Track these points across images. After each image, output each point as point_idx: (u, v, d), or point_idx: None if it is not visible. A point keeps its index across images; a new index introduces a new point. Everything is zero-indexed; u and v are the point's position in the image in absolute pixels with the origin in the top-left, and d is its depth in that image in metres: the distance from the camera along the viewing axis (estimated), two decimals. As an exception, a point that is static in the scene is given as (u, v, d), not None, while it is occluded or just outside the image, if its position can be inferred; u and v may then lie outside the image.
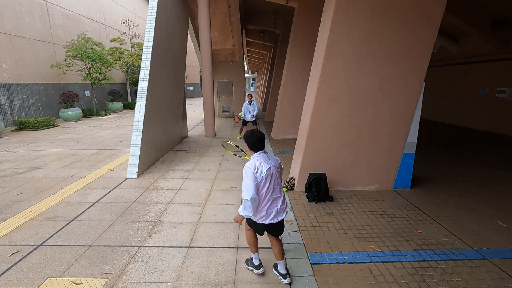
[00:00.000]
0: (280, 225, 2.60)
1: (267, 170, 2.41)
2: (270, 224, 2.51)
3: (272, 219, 2.49)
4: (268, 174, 2.42)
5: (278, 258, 2.67)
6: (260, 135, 2.49)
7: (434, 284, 2.62)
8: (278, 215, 2.51)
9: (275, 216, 2.50)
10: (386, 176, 4.89)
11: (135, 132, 5.93)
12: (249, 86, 59.65)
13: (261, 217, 2.48)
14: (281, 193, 2.56)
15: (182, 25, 8.79)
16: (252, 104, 9.29)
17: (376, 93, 4.48)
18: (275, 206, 2.50)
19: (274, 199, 2.49)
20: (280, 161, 2.64)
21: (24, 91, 12.75)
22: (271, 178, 2.45)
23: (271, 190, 2.46)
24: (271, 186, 2.45)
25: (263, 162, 2.43)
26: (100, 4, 19.08)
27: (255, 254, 2.73)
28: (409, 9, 4.12)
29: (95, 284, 2.64)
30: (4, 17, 11.86)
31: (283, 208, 2.55)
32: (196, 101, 28.29)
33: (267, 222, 2.49)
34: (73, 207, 4.29)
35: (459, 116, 11.85)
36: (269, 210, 2.48)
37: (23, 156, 7.32)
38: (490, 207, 4.23)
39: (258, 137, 2.48)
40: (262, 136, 2.50)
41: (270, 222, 2.49)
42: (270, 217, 2.48)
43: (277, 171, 2.53)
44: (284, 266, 2.69)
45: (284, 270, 2.67)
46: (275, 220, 2.50)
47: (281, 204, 2.54)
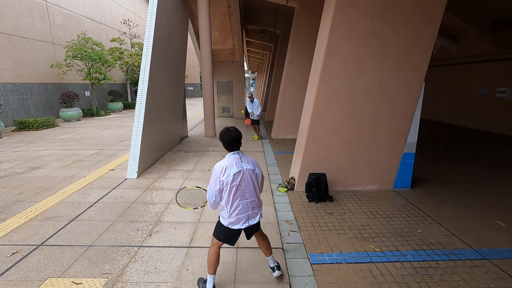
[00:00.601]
0: (252, 228, 2.46)
1: (235, 174, 2.24)
2: (241, 229, 2.40)
3: (242, 224, 2.36)
4: (237, 178, 2.25)
5: (266, 254, 2.68)
6: (235, 135, 2.30)
7: (434, 284, 2.62)
8: (249, 220, 2.38)
9: (246, 221, 2.37)
10: (386, 176, 4.89)
11: (135, 132, 5.93)
12: (249, 86, 59.65)
13: (231, 223, 2.34)
14: (253, 197, 2.37)
15: (182, 25, 8.79)
16: (254, 102, 9.16)
17: (376, 93, 4.48)
18: (246, 212, 2.35)
19: (244, 203, 2.33)
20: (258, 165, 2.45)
21: (24, 91, 12.75)
22: (240, 182, 2.27)
23: (240, 195, 2.29)
24: (239, 190, 2.28)
25: (234, 165, 2.27)
26: (100, 4, 19.08)
27: (211, 276, 2.48)
28: (409, 9, 4.12)
29: (95, 284, 2.64)
30: (4, 17, 11.86)
31: (255, 213, 2.41)
32: (196, 101, 28.29)
33: (237, 228, 2.36)
34: (73, 207, 4.29)
35: (459, 116, 11.85)
36: (239, 215, 2.33)
37: (23, 156, 7.31)
38: (490, 207, 4.23)
39: (233, 137, 2.29)
40: (237, 136, 2.31)
41: (240, 228, 2.37)
42: (240, 223, 2.35)
43: (251, 173, 2.34)
44: (273, 260, 2.69)
45: (273, 263, 2.67)
46: (245, 225, 2.37)
47: (252, 208, 2.38)
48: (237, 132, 2.33)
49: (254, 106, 9.18)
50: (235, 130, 2.33)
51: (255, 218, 2.42)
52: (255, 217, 2.42)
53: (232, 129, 2.33)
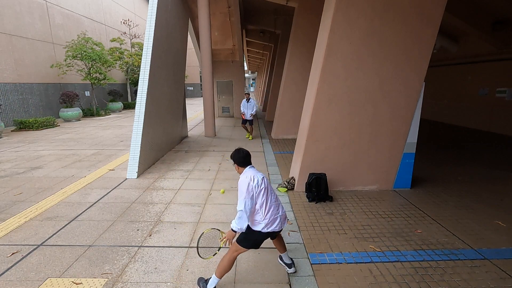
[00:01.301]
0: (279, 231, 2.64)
1: (261, 179, 2.47)
2: (273, 232, 2.51)
3: (276, 226, 2.50)
4: (265, 182, 2.49)
5: (281, 251, 2.81)
6: (246, 151, 2.58)
7: (434, 284, 2.62)
8: (282, 223, 2.55)
9: (279, 224, 2.52)
10: (386, 176, 4.89)
11: (135, 132, 5.93)
12: (249, 86, 59.65)
13: (266, 225, 2.46)
14: (278, 200, 2.62)
15: (182, 25, 8.79)
16: (250, 101, 9.26)
17: (376, 93, 4.48)
18: (278, 213, 2.52)
19: (275, 205, 2.53)
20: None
21: (24, 91, 12.75)
22: (268, 186, 2.52)
23: (270, 198, 2.49)
24: (269, 193, 2.50)
25: (256, 173, 2.51)
26: (100, 4, 19.08)
27: (217, 279, 2.52)
28: (409, 9, 4.12)
29: (95, 284, 2.64)
30: (4, 17, 11.85)
31: (285, 214, 2.61)
32: (196, 101, 28.29)
33: (271, 230, 2.48)
34: (73, 207, 4.29)
35: (459, 116, 11.85)
36: (273, 217, 2.48)
37: (23, 156, 7.31)
38: (490, 207, 4.23)
39: (246, 153, 2.57)
40: (248, 152, 2.60)
41: (274, 230, 2.49)
42: (274, 224, 2.49)
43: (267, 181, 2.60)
44: (288, 256, 2.82)
45: (289, 260, 2.81)
46: (278, 228, 2.51)
47: (282, 210, 2.59)
48: (247, 150, 2.61)
49: (249, 106, 9.25)
50: (244, 149, 2.61)
51: (284, 222, 2.60)
52: (284, 221, 2.59)
53: (241, 148, 2.61)
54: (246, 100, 9.32)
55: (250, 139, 9.44)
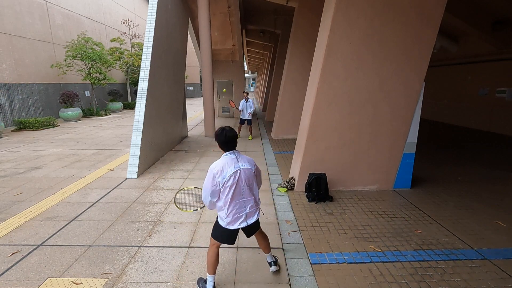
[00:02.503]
0: (253, 226, 2.47)
1: (232, 174, 2.23)
2: (239, 229, 2.39)
3: (240, 223, 2.34)
4: (233, 178, 2.24)
5: (265, 251, 2.74)
6: (230, 134, 2.29)
7: (434, 284, 2.62)
8: (248, 219, 2.37)
9: (244, 220, 2.35)
10: (386, 176, 4.89)
11: (135, 132, 5.93)
12: (249, 86, 59.64)
13: (228, 223, 2.33)
14: (250, 196, 2.36)
15: (182, 25, 8.79)
16: (248, 101, 9.34)
17: (376, 93, 4.48)
18: (243, 211, 2.34)
19: (242, 203, 2.33)
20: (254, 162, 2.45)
21: (24, 91, 12.75)
22: (238, 182, 2.27)
23: (237, 195, 2.29)
24: (237, 189, 2.28)
25: (231, 165, 2.26)
26: (100, 4, 19.08)
27: (211, 276, 2.47)
28: (409, 9, 4.12)
29: (95, 284, 2.64)
30: (4, 17, 11.85)
31: (252, 212, 2.39)
32: (196, 101, 28.29)
33: (233, 228, 2.34)
34: (73, 207, 4.29)
35: (459, 116, 11.85)
36: (236, 215, 2.32)
37: (23, 156, 7.31)
38: (490, 207, 4.23)
39: (229, 136, 2.28)
40: (233, 135, 2.31)
41: (236, 228, 2.35)
42: (237, 223, 2.33)
43: (248, 172, 2.33)
44: (271, 256, 2.76)
45: (271, 258, 2.75)
46: (244, 225, 2.36)
47: (250, 207, 2.37)
48: (233, 132, 2.33)
49: (248, 106, 9.31)
50: (230, 130, 2.32)
51: (253, 217, 2.41)
52: (253, 216, 2.41)
53: (227, 128, 2.32)
54: (245, 100, 9.35)
55: (250, 139, 9.47)
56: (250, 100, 9.41)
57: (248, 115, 9.34)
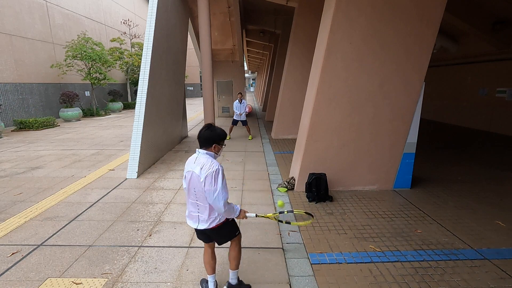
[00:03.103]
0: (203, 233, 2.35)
1: (187, 172, 2.23)
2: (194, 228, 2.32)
3: (192, 222, 2.30)
4: (187, 177, 2.24)
5: (230, 266, 2.45)
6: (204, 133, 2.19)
7: (434, 284, 2.62)
8: (199, 223, 2.27)
9: (196, 221, 2.28)
10: (386, 176, 4.89)
11: (135, 132, 5.93)
12: (249, 86, 59.65)
13: (187, 215, 2.37)
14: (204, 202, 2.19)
15: (182, 25, 8.79)
16: (242, 102, 9.36)
17: (376, 93, 4.48)
18: (196, 212, 2.27)
19: (195, 204, 2.25)
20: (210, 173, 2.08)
21: (24, 91, 12.74)
22: (190, 182, 2.22)
23: (191, 195, 2.24)
24: (191, 190, 2.24)
25: (190, 163, 2.23)
26: (100, 4, 19.07)
27: (210, 276, 2.44)
28: (410, 9, 4.12)
29: (95, 284, 2.64)
30: (4, 17, 11.85)
31: (204, 218, 2.23)
32: (196, 101, 28.29)
33: (189, 224, 2.32)
34: (73, 207, 4.29)
35: (459, 116, 11.85)
36: (190, 213, 2.31)
37: (23, 156, 7.31)
38: (490, 207, 4.23)
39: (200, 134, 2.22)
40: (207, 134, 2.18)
41: (191, 226, 2.32)
42: (192, 220, 2.30)
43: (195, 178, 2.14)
44: (236, 276, 2.47)
45: (233, 280, 2.47)
46: (194, 225, 2.29)
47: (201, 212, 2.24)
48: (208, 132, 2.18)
49: (242, 107, 9.34)
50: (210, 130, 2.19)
51: (203, 224, 2.24)
52: (204, 223, 2.24)
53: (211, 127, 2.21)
54: (238, 101, 9.35)
55: (250, 139, 9.48)
56: (244, 101, 9.46)
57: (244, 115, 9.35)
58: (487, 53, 10.12)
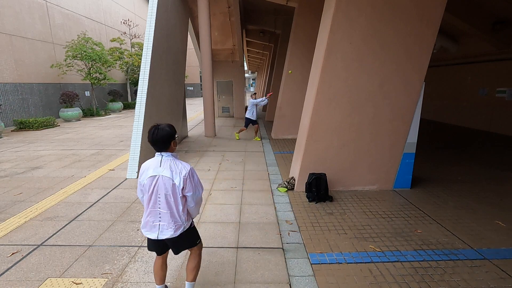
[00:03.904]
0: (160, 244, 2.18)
1: (149, 177, 2.03)
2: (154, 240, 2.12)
3: (151, 233, 2.10)
4: (150, 183, 2.03)
5: (187, 278, 2.31)
6: (160, 134, 2.02)
7: (434, 284, 2.62)
8: (160, 233, 2.08)
9: (156, 232, 2.08)
10: (386, 176, 4.89)
11: (135, 132, 5.93)
12: (249, 86, 59.64)
13: (142, 226, 2.14)
14: (167, 209, 2.05)
15: (182, 25, 8.79)
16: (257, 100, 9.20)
17: (376, 93, 4.48)
18: (156, 221, 2.09)
19: (156, 213, 2.08)
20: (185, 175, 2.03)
21: (24, 91, 12.74)
22: (153, 189, 2.03)
23: (152, 202, 2.06)
24: (152, 197, 2.05)
25: (152, 167, 2.04)
26: (100, 4, 19.08)
27: (159, 286, 2.34)
28: (409, 9, 4.12)
29: (95, 284, 2.64)
30: (4, 17, 11.85)
31: (166, 227, 2.08)
32: (196, 101, 28.29)
33: (147, 235, 2.12)
34: (73, 207, 4.29)
35: (459, 116, 11.85)
36: (149, 223, 2.10)
37: (23, 156, 7.31)
38: (490, 207, 4.23)
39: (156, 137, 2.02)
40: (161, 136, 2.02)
41: (149, 237, 2.12)
42: (150, 231, 2.10)
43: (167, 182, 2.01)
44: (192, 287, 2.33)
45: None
46: (154, 237, 2.09)
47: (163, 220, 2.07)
48: (164, 132, 2.03)
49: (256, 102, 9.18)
50: (162, 129, 2.04)
51: (166, 233, 2.09)
52: (167, 232, 2.09)
53: (159, 127, 2.05)
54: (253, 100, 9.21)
55: (259, 139, 9.24)
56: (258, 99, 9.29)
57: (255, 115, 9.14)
58: (487, 53, 10.12)
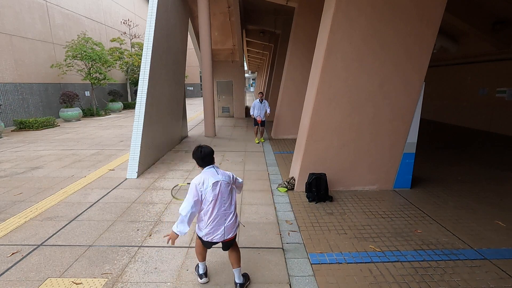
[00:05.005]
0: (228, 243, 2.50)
1: (213, 183, 2.33)
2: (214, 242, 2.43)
3: (219, 237, 2.39)
4: (215, 188, 2.33)
5: (233, 266, 2.57)
6: (206, 150, 2.42)
7: (434, 284, 2.62)
8: (226, 234, 2.40)
9: (223, 235, 2.39)
10: (386, 176, 4.89)
11: (135, 132, 5.93)
12: (249, 86, 59.65)
13: (207, 234, 2.38)
14: (231, 209, 2.44)
15: (182, 25, 8.79)
16: (263, 102, 8.71)
17: (376, 93, 4.48)
18: (223, 224, 2.39)
19: (223, 215, 2.38)
20: (234, 176, 2.52)
21: (24, 91, 12.74)
22: (218, 193, 2.35)
23: (218, 206, 2.35)
24: (218, 201, 2.35)
25: (211, 176, 2.36)
26: (100, 4, 19.07)
27: (201, 263, 2.65)
28: (409, 9, 4.12)
29: (95, 284, 2.64)
30: (4, 17, 11.85)
31: (232, 225, 2.43)
32: (196, 101, 28.28)
33: (212, 240, 2.40)
34: (73, 207, 4.29)
35: (459, 116, 11.85)
36: (216, 227, 2.37)
37: (23, 156, 7.31)
38: (490, 207, 4.23)
39: (205, 152, 2.41)
40: (208, 151, 2.43)
41: (215, 241, 2.41)
42: (216, 235, 2.38)
43: (227, 185, 2.40)
44: (239, 274, 2.57)
45: (238, 279, 2.56)
46: (221, 239, 2.40)
47: (229, 220, 2.41)
48: (209, 149, 2.46)
49: (262, 107, 8.71)
50: (206, 147, 2.46)
51: (231, 232, 2.44)
52: (232, 231, 2.44)
53: (204, 146, 2.48)
54: (259, 101, 8.67)
55: (263, 141, 8.99)
56: (265, 101, 8.79)
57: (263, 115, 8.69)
58: (487, 53, 10.12)
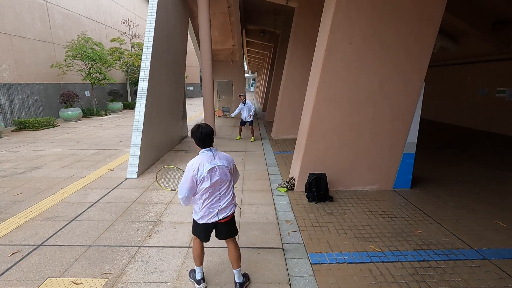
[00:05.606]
0: (225, 225, 2.44)
1: (209, 170, 2.27)
2: (212, 224, 2.39)
3: (212, 217, 2.35)
4: (210, 174, 2.28)
5: (233, 266, 2.53)
6: (206, 130, 2.31)
7: (434, 284, 2.62)
8: (219, 213, 2.36)
9: (216, 215, 2.35)
10: (386, 176, 4.89)
11: (135, 132, 5.93)
12: (249, 86, 59.66)
13: (202, 217, 2.36)
14: (229, 192, 2.41)
15: (182, 25, 8.79)
16: (246, 104, 9.20)
17: (376, 93, 4.48)
18: (217, 207, 2.36)
19: (218, 198, 2.36)
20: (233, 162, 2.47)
21: (24, 91, 12.74)
22: (214, 179, 2.30)
23: (211, 190, 2.31)
24: (214, 186, 2.31)
25: (206, 162, 2.29)
26: (100, 4, 19.08)
27: (198, 267, 2.57)
28: (409, 9, 4.12)
29: (95, 284, 2.64)
30: (4, 17, 11.85)
31: (227, 206, 2.40)
32: (196, 101, 28.29)
33: (206, 222, 2.36)
34: (73, 207, 4.29)
35: (459, 116, 11.85)
36: (209, 209, 2.35)
37: (23, 156, 7.31)
38: (490, 207, 4.23)
39: (205, 133, 2.29)
40: (208, 131, 2.31)
41: (210, 221, 2.36)
42: (209, 216, 2.35)
43: (225, 170, 2.35)
44: (239, 274, 2.55)
45: (238, 278, 2.54)
46: (215, 219, 2.35)
47: (224, 202, 2.38)
48: (209, 128, 2.33)
49: (247, 108, 9.15)
50: (206, 126, 2.33)
51: (226, 211, 2.39)
52: (227, 210, 2.40)
53: (203, 125, 2.34)
54: (243, 103, 9.22)
55: (252, 140, 9.23)
56: (248, 102, 9.27)
57: (248, 117, 9.17)
58: (487, 53, 10.12)
